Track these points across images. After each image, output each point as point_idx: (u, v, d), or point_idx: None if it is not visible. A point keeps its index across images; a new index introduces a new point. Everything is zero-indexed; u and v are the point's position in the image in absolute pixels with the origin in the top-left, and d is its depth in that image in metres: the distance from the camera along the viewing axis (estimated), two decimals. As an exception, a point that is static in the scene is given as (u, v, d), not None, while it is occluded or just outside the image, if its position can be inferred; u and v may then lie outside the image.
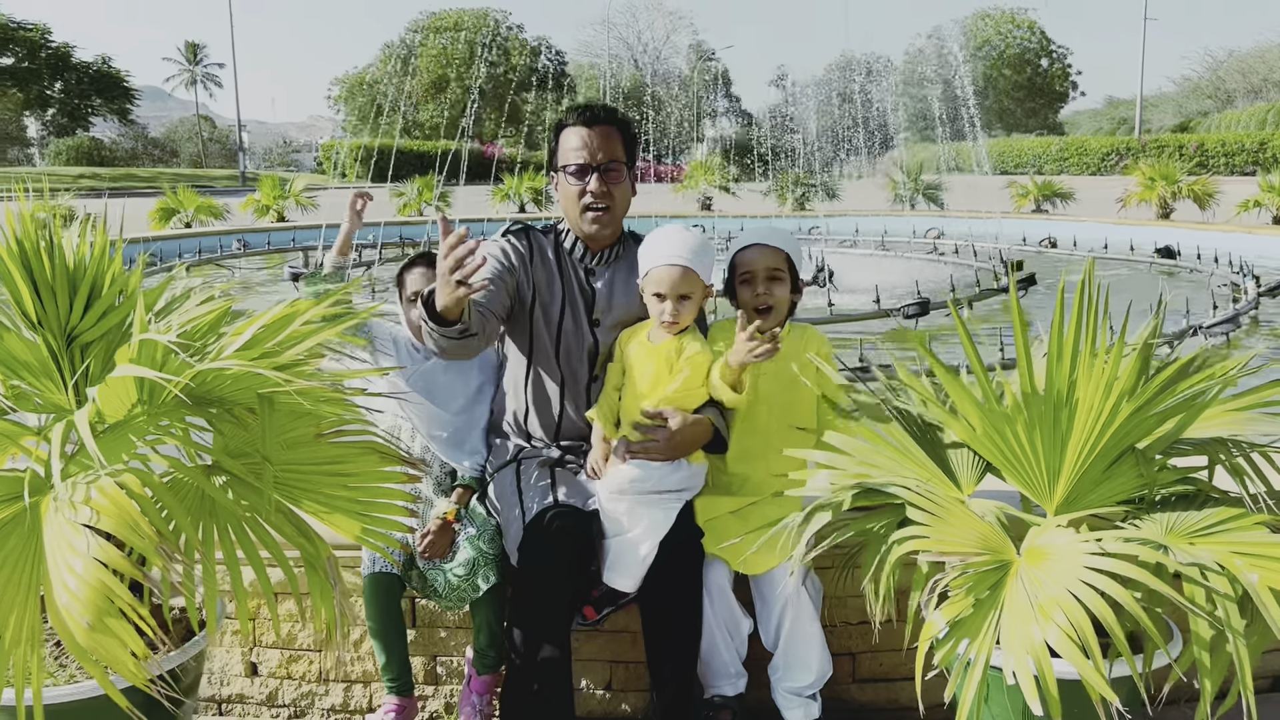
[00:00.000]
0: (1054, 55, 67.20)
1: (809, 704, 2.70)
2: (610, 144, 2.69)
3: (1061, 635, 1.88)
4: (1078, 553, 2.01)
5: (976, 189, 15.55)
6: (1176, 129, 53.67)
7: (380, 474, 2.32)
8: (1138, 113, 49.84)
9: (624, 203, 2.75)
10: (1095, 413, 2.13)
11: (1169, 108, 66.66)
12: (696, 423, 2.58)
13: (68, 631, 1.77)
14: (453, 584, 2.65)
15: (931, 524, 2.15)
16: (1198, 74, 67.75)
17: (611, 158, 2.68)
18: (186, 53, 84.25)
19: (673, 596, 2.60)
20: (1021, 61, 65.12)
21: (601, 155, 2.67)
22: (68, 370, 2.16)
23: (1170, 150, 37.18)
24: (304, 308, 2.20)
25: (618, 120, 2.74)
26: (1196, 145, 37.73)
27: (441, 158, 23.58)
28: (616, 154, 2.70)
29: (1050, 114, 68.83)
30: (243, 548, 2.12)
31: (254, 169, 59.02)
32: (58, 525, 1.86)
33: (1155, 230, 13.91)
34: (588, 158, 2.67)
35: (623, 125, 2.75)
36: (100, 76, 56.63)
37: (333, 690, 3.00)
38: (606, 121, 2.71)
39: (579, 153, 2.67)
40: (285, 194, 18.70)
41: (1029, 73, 65.34)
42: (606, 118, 2.71)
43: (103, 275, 2.09)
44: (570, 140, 2.70)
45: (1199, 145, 37.75)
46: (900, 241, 13.16)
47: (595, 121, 2.69)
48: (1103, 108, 76.30)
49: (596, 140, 2.67)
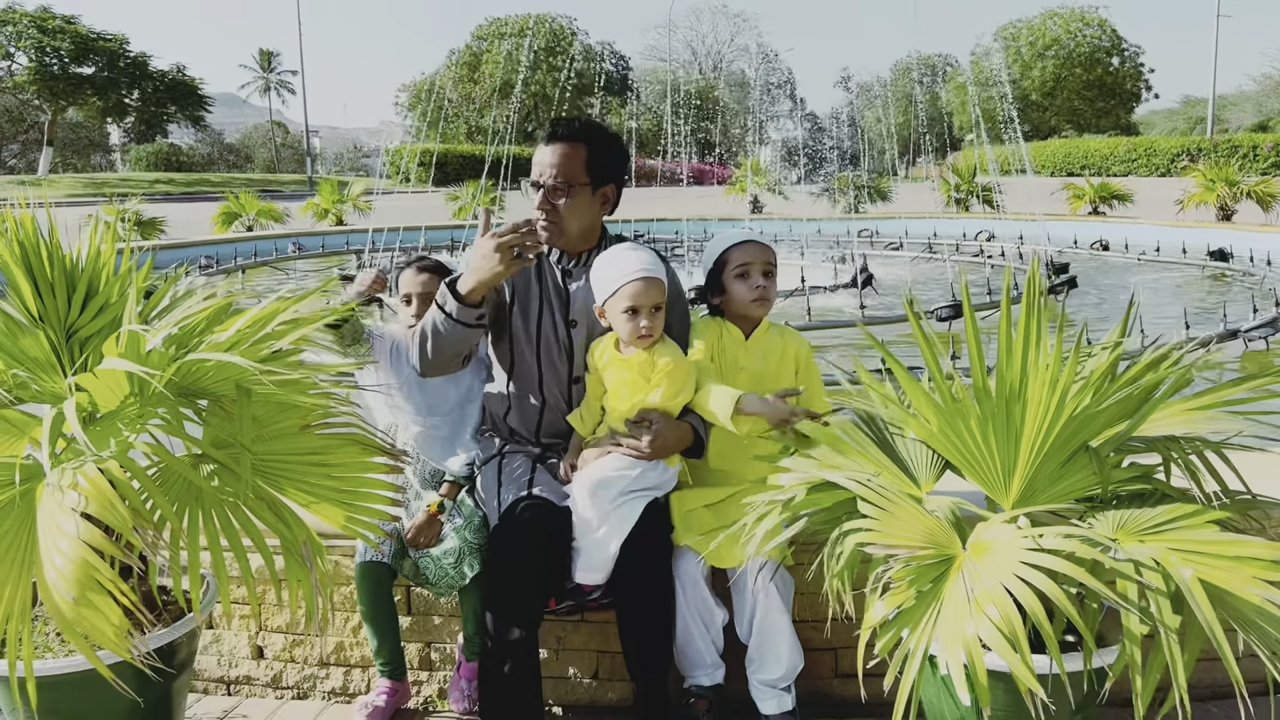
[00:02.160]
0: (1125, 54, 65.67)
1: (782, 696, 2.76)
2: (565, 162, 2.73)
3: (993, 629, 1.92)
4: (1016, 547, 2.05)
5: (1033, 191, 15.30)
6: (1255, 128, 52.14)
7: (363, 464, 2.44)
8: (1210, 110, 48.48)
9: (573, 218, 2.77)
10: (1043, 408, 2.16)
11: (1248, 106, 64.77)
12: (679, 426, 2.67)
13: (56, 607, 1.92)
14: (444, 571, 2.77)
15: (880, 518, 2.20)
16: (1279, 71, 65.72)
17: (561, 177, 2.72)
18: (261, 60, 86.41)
19: (643, 592, 2.67)
20: (1092, 60, 63.72)
21: (549, 174, 2.73)
22: (67, 364, 2.31)
23: (1245, 150, 36.12)
24: (282, 308, 2.33)
25: (585, 137, 2.77)
26: (1272, 145, 36.58)
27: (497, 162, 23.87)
28: (568, 171, 2.73)
29: (1123, 114, 67.27)
30: (225, 534, 2.25)
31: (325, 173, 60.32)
32: (49, 509, 2.01)
33: (1211, 232, 13.60)
34: (537, 174, 2.76)
35: (593, 141, 2.77)
36: (175, 85, 58.27)
37: (333, 674, 3.14)
38: (566, 139, 2.75)
39: (536, 168, 2.77)
40: (343, 198, 19.13)
41: (1099, 72, 63.93)
42: (568, 135, 2.75)
43: (99, 274, 2.23)
44: (536, 155, 2.80)
45: (1274, 145, 36.61)
46: (948, 244, 13.04)
47: (554, 139, 2.76)
48: (1179, 107, 74.39)
49: (550, 158, 2.74)
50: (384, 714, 2.89)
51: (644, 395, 2.67)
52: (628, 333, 2.66)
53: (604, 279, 2.69)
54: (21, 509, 2.06)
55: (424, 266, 3.06)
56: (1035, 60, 62.35)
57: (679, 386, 2.68)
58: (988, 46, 57.88)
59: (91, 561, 1.94)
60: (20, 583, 1.99)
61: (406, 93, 71.67)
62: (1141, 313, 2.17)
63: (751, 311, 2.85)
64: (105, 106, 55.92)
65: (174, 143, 65.38)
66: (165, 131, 64.60)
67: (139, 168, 56.30)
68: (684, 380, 2.69)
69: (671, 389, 2.66)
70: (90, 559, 1.94)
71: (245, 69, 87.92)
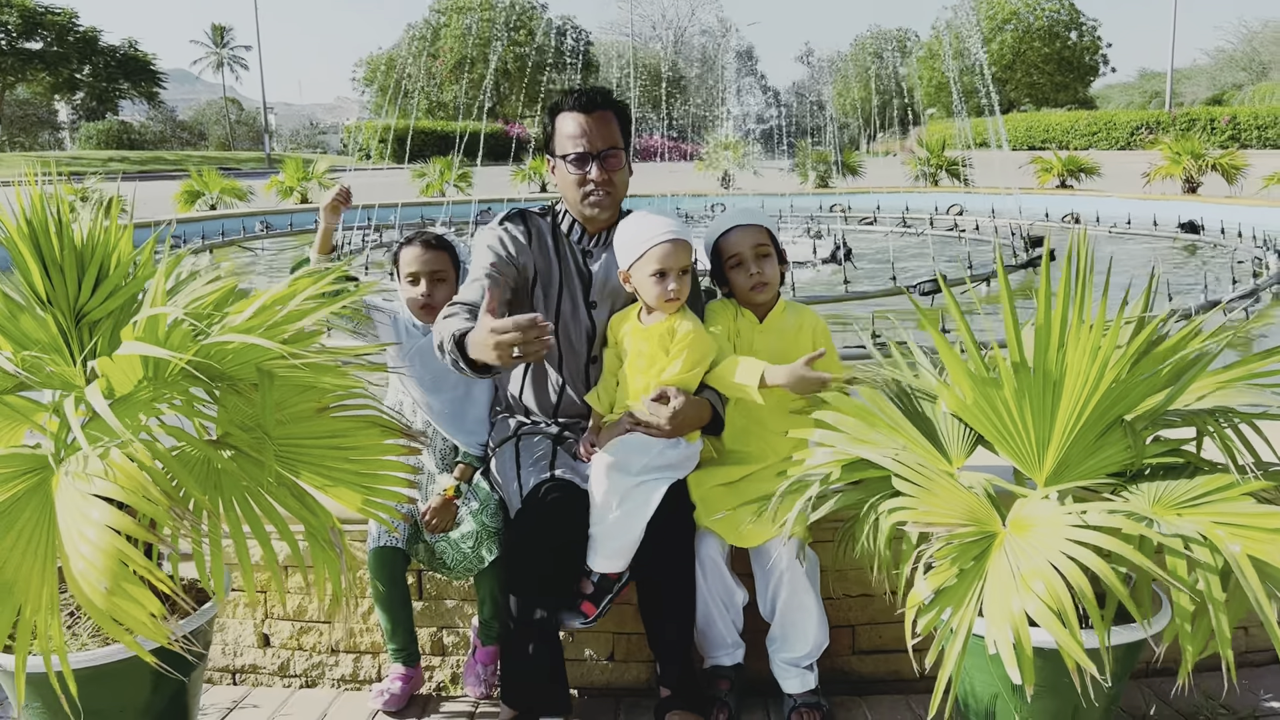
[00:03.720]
0: (1083, 28, 66.14)
1: (805, 674, 2.74)
2: (609, 130, 2.71)
3: (1040, 605, 1.91)
4: (1060, 524, 2.03)
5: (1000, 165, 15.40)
6: (1210, 102, 52.79)
7: (381, 447, 2.38)
8: (1168, 85, 49.03)
9: (623, 186, 2.78)
10: (1082, 381, 2.14)
11: (1202, 80, 65.55)
12: (698, 403, 2.63)
13: (86, 598, 1.85)
14: (462, 555, 2.71)
15: (918, 495, 2.18)
16: (1232, 45, 66.57)
17: (610, 144, 2.71)
18: (213, 35, 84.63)
19: (666, 572, 2.64)
20: (1050, 34, 64.11)
21: (601, 143, 2.69)
22: (76, 347, 2.22)
23: (1202, 124, 36.58)
24: (305, 285, 2.25)
25: (614, 104, 2.75)
26: (1229, 118, 37.10)
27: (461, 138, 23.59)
28: (615, 140, 2.72)
29: (1080, 88, 67.78)
30: (247, 520, 2.18)
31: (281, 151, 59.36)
32: (70, 497, 1.93)
33: (1180, 205, 13.74)
34: (587, 146, 2.69)
35: (619, 109, 2.76)
36: (127, 60, 57.01)
37: (342, 661, 3.08)
38: (604, 106, 2.72)
39: (578, 141, 2.69)
40: (308, 176, 18.83)
41: (1058, 46, 64.34)
42: (604, 102, 2.73)
43: (110, 255, 2.15)
44: (568, 126, 2.71)
45: (1231, 118, 37.12)
46: (921, 219, 13.09)
47: (593, 107, 2.70)
48: (1135, 81, 75.13)
49: (595, 128, 2.69)
50: (400, 701, 2.84)
51: (662, 367, 2.63)
52: (655, 296, 2.61)
53: (629, 242, 2.64)
54: (39, 499, 1.98)
55: (428, 243, 2.96)
56: (994, 34, 62.57)
57: (698, 357, 2.64)
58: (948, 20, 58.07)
59: (123, 549, 1.87)
60: (45, 575, 1.91)
61: (364, 68, 70.60)
62: (1122, 284, 2.17)
63: (752, 299, 2.80)
64: (55, 82, 54.62)
65: (125, 120, 63.95)
66: (116, 108, 63.22)
67: (89, 146, 54.95)
68: (704, 351, 2.65)
69: (691, 359, 2.62)
70: (123, 546, 1.87)
71: (197, 44, 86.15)
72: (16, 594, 1.81)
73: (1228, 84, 61.43)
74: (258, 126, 71.92)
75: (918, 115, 40.96)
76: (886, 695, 2.91)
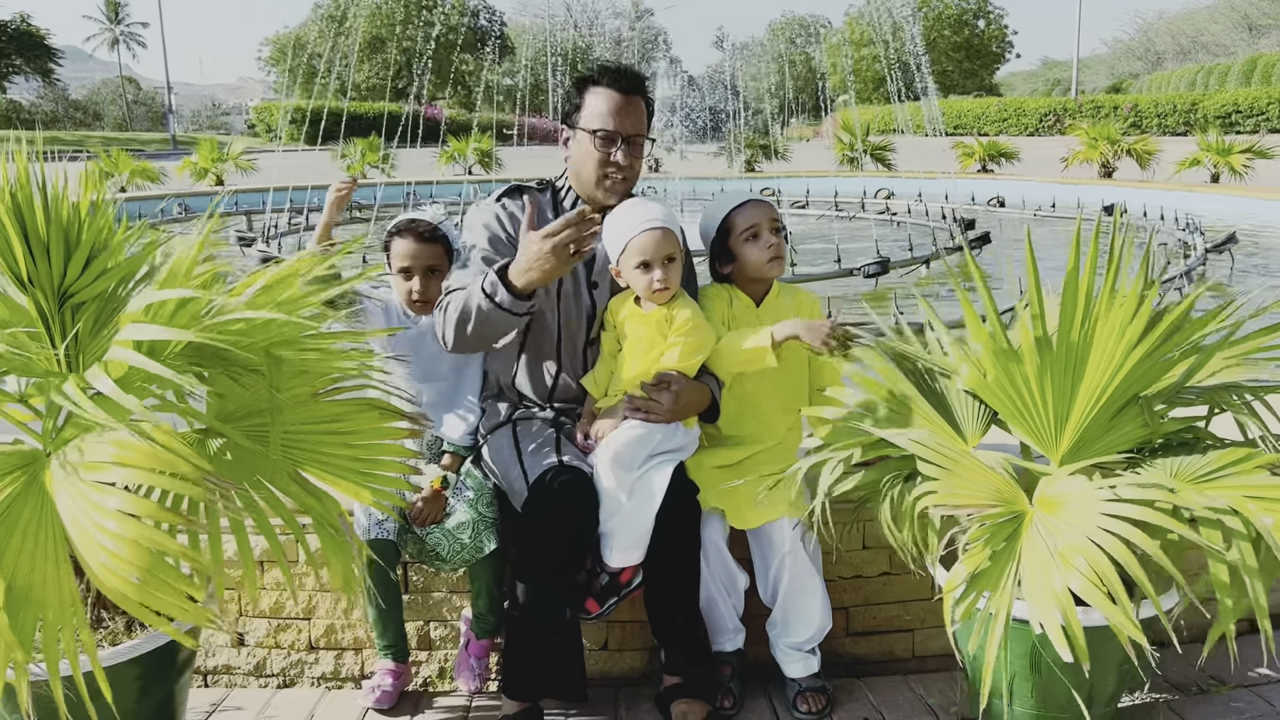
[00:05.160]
0: (991, 16, 67.71)
1: (809, 658, 2.72)
2: (639, 117, 2.66)
3: (1085, 582, 1.90)
4: (1093, 500, 2.02)
5: (922, 150, 15.66)
6: (1109, 90, 54.61)
7: (382, 430, 2.26)
8: (1074, 74, 50.51)
9: (637, 177, 2.73)
10: (1108, 358, 2.14)
11: (1102, 69, 67.83)
12: (697, 388, 2.58)
13: (117, 592, 1.70)
14: (460, 546, 2.61)
15: (943, 477, 2.15)
16: (1129, 36, 68.98)
17: (639, 130, 2.65)
18: (107, 11, 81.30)
19: (673, 558, 2.58)
20: (960, 22, 65.51)
21: (631, 127, 2.63)
22: (58, 332, 2.06)
23: (1106, 110, 37.77)
24: (306, 265, 2.12)
25: (645, 91, 2.70)
26: (1131, 106, 38.36)
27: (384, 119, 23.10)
28: (642, 129, 2.67)
29: (987, 75, 69.46)
30: (250, 511, 2.05)
31: (182, 132, 57.39)
32: (73, 489, 1.78)
33: (1099, 189, 14.15)
34: (617, 125, 2.61)
35: (648, 98, 2.72)
36: (20, 35, 54.43)
37: (323, 658, 2.95)
38: (640, 92, 2.66)
39: (609, 119, 2.61)
40: (224, 157, 18.20)
41: (966, 34, 65.78)
42: (640, 89, 2.67)
43: (101, 233, 1.99)
44: (601, 103, 2.63)
45: (1133, 106, 38.40)
46: (852, 202, 13.22)
47: (632, 90, 2.64)
48: (1038, 69, 77.33)
49: (630, 110, 2.63)
50: (392, 698, 2.73)
51: (660, 352, 2.57)
52: (642, 288, 2.56)
53: (613, 237, 2.60)
54: (35, 497, 1.82)
55: (421, 235, 2.82)
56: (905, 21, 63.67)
57: (697, 344, 2.59)
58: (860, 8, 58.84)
59: (153, 535, 1.73)
60: (61, 578, 1.76)
61: (270, 47, 68.61)
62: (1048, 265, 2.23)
63: (767, 273, 2.76)
64: (-59, 59, 51.91)
65: (14, 99, 61.04)
66: (3, 87, 60.33)
67: (-25, 125, 52.39)
68: (702, 338, 2.60)
69: (689, 347, 2.57)
70: (151, 532, 1.73)
71: (90, 20, 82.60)
72: (34, 601, 1.67)
73: (1125, 73, 63.66)
74: (156, 106, 69.38)
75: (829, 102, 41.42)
76: (884, 676, 2.91)
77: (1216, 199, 12.87)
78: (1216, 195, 13.29)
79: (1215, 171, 15.08)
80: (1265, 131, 30.81)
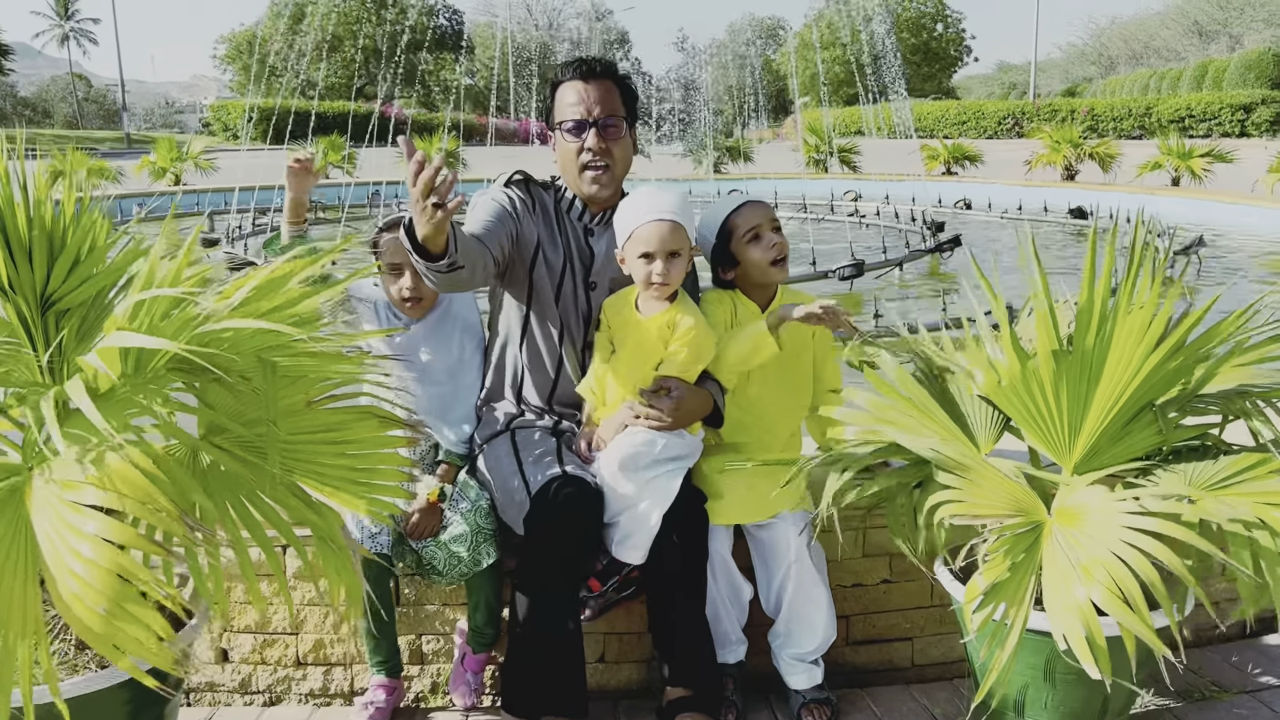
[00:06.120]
0: (949, 19, 68.42)
1: (812, 669, 2.67)
2: (609, 98, 2.58)
3: (1106, 594, 1.87)
4: (1115, 511, 1.99)
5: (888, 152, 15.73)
6: (1064, 93, 55.38)
7: (380, 440, 2.18)
8: (1032, 77, 51.15)
9: (624, 161, 2.65)
10: (1124, 365, 2.12)
11: (1056, 73, 68.77)
12: (699, 394, 2.52)
13: (80, 621, 1.61)
14: (457, 559, 2.53)
15: (962, 486, 2.11)
16: (1082, 40, 70.04)
17: (610, 113, 2.57)
18: (57, 7, 79.63)
19: (679, 567, 2.52)
20: (918, 26, 66.12)
21: (599, 110, 2.56)
22: (40, 341, 1.96)
23: (1064, 114, 38.27)
24: (299, 268, 2.04)
25: (616, 75, 2.63)
26: (1087, 110, 38.90)
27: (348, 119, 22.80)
28: (615, 109, 2.59)
29: (944, 79, 70.16)
30: (246, 526, 1.96)
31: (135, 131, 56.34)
32: (51, 508, 1.69)
33: (1064, 191, 14.29)
34: (584, 113, 2.55)
35: (622, 80, 2.64)
36: (-34, 31, 53.15)
37: (311, 674, 2.86)
38: (604, 75, 2.59)
39: (575, 108, 2.56)
40: (183, 156, 17.85)
41: (925, 37, 66.40)
42: (604, 72, 2.60)
43: (85, 237, 1.89)
44: (567, 96, 2.58)
45: (1090, 110, 38.94)
46: (820, 204, 13.24)
47: (592, 75, 2.58)
48: (993, 73, 78.25)
49: (594, 95, 2.56)
50: (386, 714, 2.65)
51: (660, 360, 2.50)
52: (640, 278, 2.49)
53: (622, 222, 2.53)
54: (10, 512, 1.72)
55: None
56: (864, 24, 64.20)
57: (699, 352, 2.53)
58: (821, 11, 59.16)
59: (125, 564, 1.64)
60: (28, 599, 1.67)
61: (225, 45, 67.56)
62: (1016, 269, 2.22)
63: (772, 276, 2.69)
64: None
65: (-41, 96, 59.68)
66: (-49, 83, 58.97)
67: (-81, 122, 51.08)
68: (704, 346, 2.54)
69: (692, 354, 2.51)
70: (123, 561, 1.64)
71: (39, 16, 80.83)
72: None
73: (1079, 77, 64.62)
74: (107, 104, 68.05)
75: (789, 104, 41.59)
76: (886, 686, 2.87)
77: (1177, 202, 13.04)
78: (1177, 198, 13.46)
79: (1176, 175, 15.30)
80: (1218, 135, 31.41)
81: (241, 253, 8.90)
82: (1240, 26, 56.10)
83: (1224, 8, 57.55)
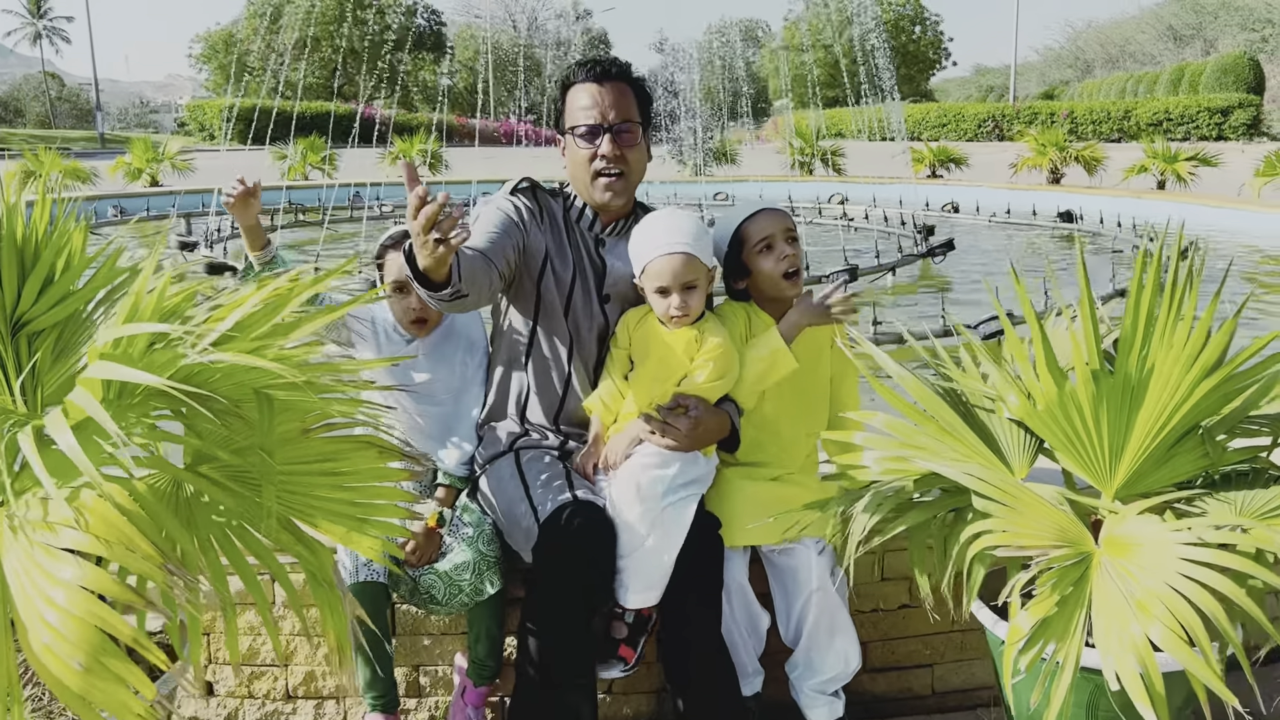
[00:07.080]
0: (927, 22, 68.65)
1: (834, 701, 2.55)
2: (624, 102, 2.44)
3: (1164, 630, 1.74)
4: (1169, 543, 1.87)
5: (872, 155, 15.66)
6: (1042, 96, 55.62)
7: (379, 471, 2.03)
8: (1012, 80, 51.40)
9: (639, 169, 2.51)
10: (1171, 387, 2.00)
11: (1033, 76, 69.05)
12: (718, 414, 2.39)
13: (54, 678, 1.46)
14: (458, 589, 2.39)
15: (1004, 515, 1.98)
16: (1059, 44, 70.45)
17: (625, 118, 2.44)
18: (30, 5, 78.65)
19: (694, 597, 2.39)
20: (896, 28, 66.28)
21: (614, 115, 2.42)
22: (11, 365, 1.80)
23: (1043, 117, 38.40)
24: (299, 290, 1.89)
25: (631, 77, 2.49)
26: (1067, 113, 39.04)
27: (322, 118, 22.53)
28: (630, 114, 2.45)
29: (922, 81, 70.39)
30: (231, 560, 1.82)
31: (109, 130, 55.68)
32: (22, 551, 1.53)
33: (1051, 195, 14.26)
34: (598, 117, 2.41)
35: (636, 83, 2.50)
36: (-64, 29, 52.43)
37: (301, 708, 2.71)
38: (619, 78, 2.45)
39: (589, 112, 2.42)
40: (159, 157, 17.55)
41: (903, 40, 66.56)
42: (619, 74, 2.46)
43: (59, 255, 1.73)
44: (579, 99, 2.44)
45: (1069, 113, 39.09)
46: (808, 208, 13.14)
47: (606, 77, 2.43)
48: (971, 76, 78.60)
49: (608, 98, 2.42)
50: (381, 752, 2.50)
51: (683, 375, 2.38)
52: (661, 312, 2.39)
53: (635, 253, 2.42)
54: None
55: None
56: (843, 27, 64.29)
57: (724, 369, 2.40)
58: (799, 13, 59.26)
59: (105, 615, 1.49)
60: (3, 652, 1.52)
61: (201, 44, 66.90)
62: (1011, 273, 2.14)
63: (784, 290, 2.55)
64: None
65: (-72, 96, 58.82)
66: (-80, 82, 58.05)
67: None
68: (729, 365, 2.42)
69: (717, 370, 2.39)
70: (102, 612, 1.48)
71: (11, 14, 79.82)
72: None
73: (1056, 80, 64.93)
74: (81, 103, 67.30)
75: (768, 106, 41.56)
76: (907, 717, 2.75)
77: (1164, 205, 13.01)
78: (1164, 201, 13.43)
79: (1161, 178, 15.31)
80: (1195, 139, 31.59)
81: (221, 256, 8.69)
82: (1214, 31, 56.52)
83: (1198, 12, 57.96)
